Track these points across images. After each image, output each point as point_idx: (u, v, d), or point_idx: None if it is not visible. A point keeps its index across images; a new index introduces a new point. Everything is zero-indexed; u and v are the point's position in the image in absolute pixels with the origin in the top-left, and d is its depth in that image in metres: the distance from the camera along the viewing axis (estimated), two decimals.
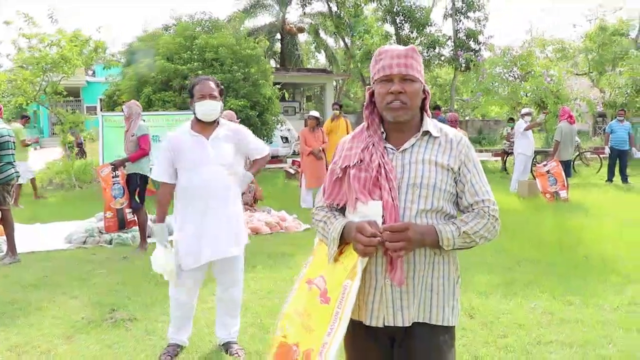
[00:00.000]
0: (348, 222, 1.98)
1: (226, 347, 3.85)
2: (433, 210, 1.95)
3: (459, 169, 1.99)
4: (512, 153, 14.29)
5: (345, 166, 2.03)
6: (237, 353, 3.78)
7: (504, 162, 16.56)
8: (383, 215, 1.90)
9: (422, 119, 2.05)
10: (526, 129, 11.93)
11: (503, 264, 6.10)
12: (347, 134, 10.23)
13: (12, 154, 6.53)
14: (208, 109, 3.63)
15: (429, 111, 2.07)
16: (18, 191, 11.17)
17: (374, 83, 2.03)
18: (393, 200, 1.91)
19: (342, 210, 2.11)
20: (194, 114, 3.69)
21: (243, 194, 4.31)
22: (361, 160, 1.99)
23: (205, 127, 3.69)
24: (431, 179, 1.94)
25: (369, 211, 1.92)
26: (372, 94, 2.06)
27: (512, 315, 4.49)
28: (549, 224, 8.28)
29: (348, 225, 1.96)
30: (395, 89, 1.94)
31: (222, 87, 3.84)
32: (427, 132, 2.02)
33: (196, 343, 3.97)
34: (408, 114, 1.98)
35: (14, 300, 5.03)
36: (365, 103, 2.09)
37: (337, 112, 10.39)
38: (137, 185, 7.02)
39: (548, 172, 10.56)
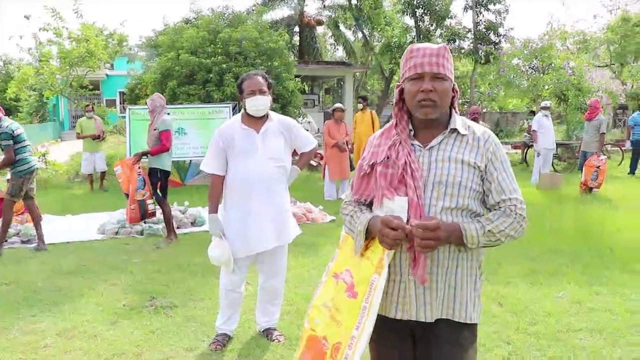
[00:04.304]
0: (374, 216, 2.03)
1: (266, 333, 4.01)
2: (458, 208, 1.97)
3: (486, 167, 2.00)
4: (532, 145, 14.29)
5: (373, 163, 2.07)
6: (277, 339, 3.94)
7: (525, 155, 16.55)
8: (408, 212, 1.94)
9: (450, 117, 2.06)
10: None
11: (528, 254, 6.18)
12: (372, 125, 10.35)
13: (27, 146, 6.65)
14: (259, 104, 3.71)
15: (457, 108, 2.10)
16: (102, 177, 12.06)
17: (404, 80, 2.04)
18: (418, 199, 1.94)
19: (369, 206, 2.15)
20: (244, 109, 3.78)
21: None
22: (388, 158, 2.02)
23: (255, 121, 3.78)
24: (457, 177, 1.95)
25: (394, 206, 1.96)
26: (401, 92, 2.08)
27: (540, 304, 4.60)
28: (572, 216, 8.33)
29: (374, 219, 2.01)
30: (426, 88, 1.95)
31: (270, 81, 3.90)
32: (454, 130, 2.03)
33: (237, 329, 4.10)
34: (438, 112, 1.99)
35: (58, 288, 5.24)
36: (395, 100, 2.09)
37: (361, 105, 10.51)
38: (158, 179, 7.07)
39: (598, 167, 10.38)
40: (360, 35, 28.42)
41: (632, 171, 13.65)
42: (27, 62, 16.02)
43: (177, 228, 7.84)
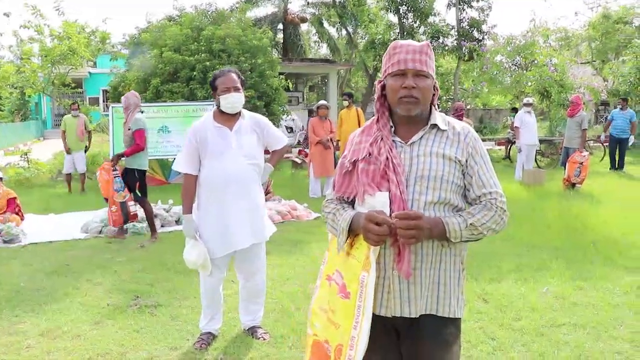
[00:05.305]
0: (356, 212, 2.03)
1: (251, 331, 3.99)
2: (440, 202, 1.98)
3: (467, 161, 2.02)
4: (515, 142, 14.40)
5: (354, 160, 2.08)
6: (262, 337, 3.92)
7: (508, 151, 16.69)
8: (391, 207, 1.94)
9: (430, 113, 2.08)
10: None
11: (512, 250, 6.23)
12: (358, 123, 10.35)
13: None
14: (233, 101, 3.69)
15: (436, 105, 2.12)
16: (83, 179, 11.64)
17: (386, 76, 2.05)
18: (401, 193, 1.94)
19: (352, 203, 2.14)
20: (217, 106, 3.76)
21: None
22: (370, 154, 2.03)
23: (228, 118, 3.75)
24: (438, 171, 1.97)
25: (376, 202, 1.96)
26: (382, 87, 2.09)
27: (525, 300, 4.63)
28: (555, 211, 8.39)
29: (356, 216, 2.00)
30: (409, 84, 1.97)
31: (243, 77, 3.89)
32: (435, 126, 2.05)
33: (222, 328, 4.08)
34: (419, 108, 2.01)
35: (41, 288, 5.17)
36: (376, 96, 2.10)
37: (347, 102, 10.51)
38: (136, 179, 6.97)
39: (582, 163, 10.49)
40: (344, 32, 28.46)
41: (613, 166, 13.81)
42: (7, 60, 15.78)
43: (162, 227, 7.79)
